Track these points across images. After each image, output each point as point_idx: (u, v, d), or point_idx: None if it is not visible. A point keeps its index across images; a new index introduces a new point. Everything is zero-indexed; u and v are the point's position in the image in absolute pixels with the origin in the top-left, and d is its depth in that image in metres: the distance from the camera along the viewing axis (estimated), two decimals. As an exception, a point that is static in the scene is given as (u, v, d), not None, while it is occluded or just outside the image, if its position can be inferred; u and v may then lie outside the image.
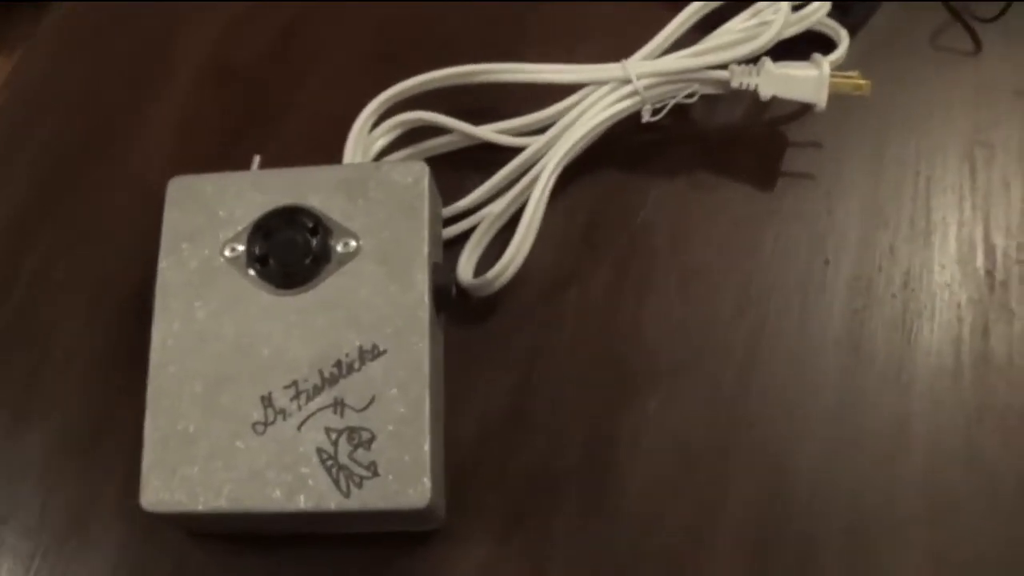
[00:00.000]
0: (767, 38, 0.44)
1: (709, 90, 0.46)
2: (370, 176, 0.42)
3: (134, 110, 0.52)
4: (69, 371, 0.46)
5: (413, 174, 0.42)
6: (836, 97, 0.45)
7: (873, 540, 0.41)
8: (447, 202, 0.45)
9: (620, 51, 0.47)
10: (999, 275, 0.45)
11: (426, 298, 0.40)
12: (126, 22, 0.55)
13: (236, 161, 0.45)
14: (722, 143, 0.49)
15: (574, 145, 0.45)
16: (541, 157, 0.45)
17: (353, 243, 0.41)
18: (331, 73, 0.52)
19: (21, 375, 0.46)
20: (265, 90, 0.52)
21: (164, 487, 0.39)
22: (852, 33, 0.47)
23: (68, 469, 0.45)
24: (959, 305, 0.45)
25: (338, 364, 0.40)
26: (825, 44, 0.47)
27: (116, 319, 0.47)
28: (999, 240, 0.46)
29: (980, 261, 0.46)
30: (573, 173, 0.47)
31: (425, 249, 0.41)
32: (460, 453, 0.42)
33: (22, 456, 0.45)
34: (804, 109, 0.48)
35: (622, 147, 0.48)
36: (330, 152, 0.46)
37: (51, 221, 0.50)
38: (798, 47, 0.47)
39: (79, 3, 0.56)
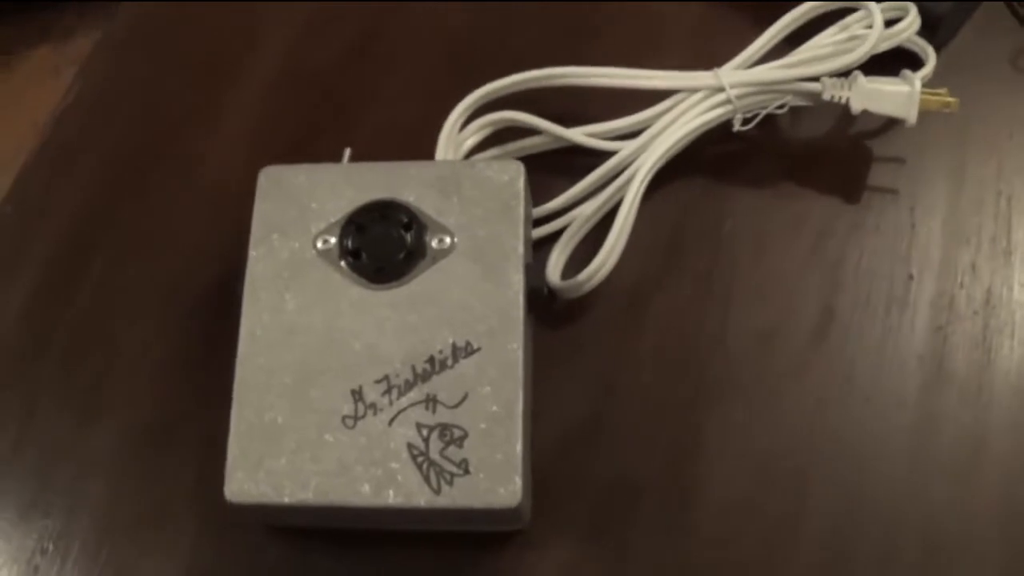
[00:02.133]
0: (862, 52, 0.44)
1: (800, 102, 0.46)
2: (465, 173, 0.42)
3: (206, 111, 0.52)
4: (139, 370, 0.46)
5: (509, 173, 0.42)
6: (920, 114, 0.45)
7: (948, 558, 0.41)
8: (534, 203, 0.45)
9: (700, 56, 0.47)
10: (1078, 296, 0.45)
11: (521, 298, 0.40)
12: (198, 22, 0.55)
13: (315, 159, 0.44)
14: (807, 155, 0.49)
15: (667, 151, 0.45)
16: (632, 161, 0.45)
17: (448, 240, 0.41)
18: (406, 75, 0.52)
19: (92, 373, 0.46)
20: (341, 92, 0.52)
21: (249, 479, 0.38)
22: (936, 50, 0.47)
23: (139, 466, 0.44)
24: (1040, 325, 0.45)
25: (431, 360, 0.39)
26: (909, 60, 0.47)
27: (187, 318, 0.47)
28: (1079, 261, 0.46)
29: (1060, 281, 0.46)
30: (659, 180, 0.46)
31: (520, 248, 0.41)
32: (542, 457, 0.42)
33: (92, 453, 0.45)
34: (888, 124, 0.48)
35: (708, 156, 0.48)
36: (411, 153, 0.45)
37: (121, 221, 0.50)
38: (882, 62, 0.47)
39: (151, 2, 0.56)
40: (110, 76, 0.54)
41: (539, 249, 0.45)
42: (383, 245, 0.41)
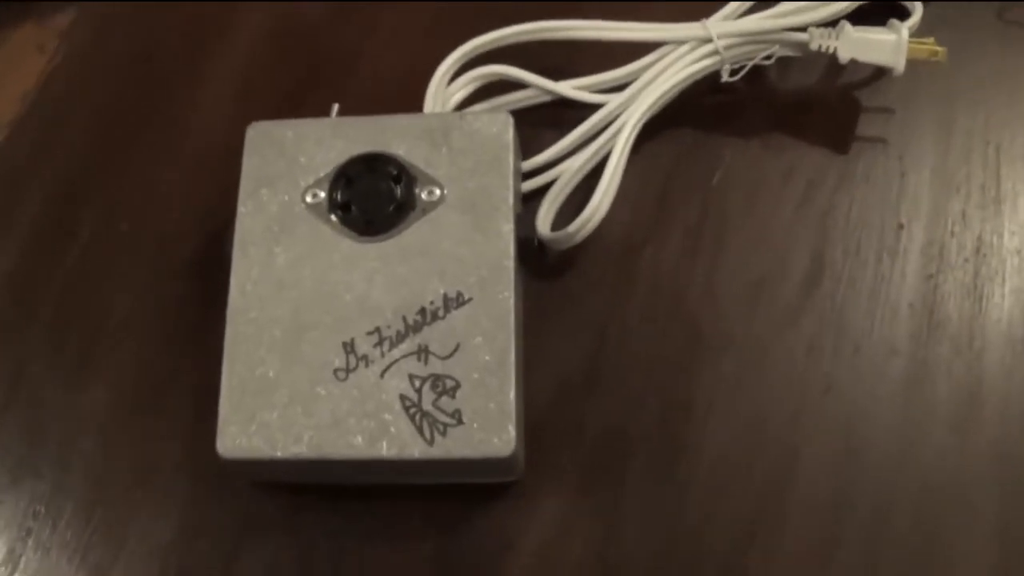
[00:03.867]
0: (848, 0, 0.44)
1: (788, 52, 0.46)
2: (454, 125, 0.42)
3: (194, 66, 0.52)
4: (129, 330, 0.46)
5: (498, 124, 0.42)
6: (907, 64, 0.45)
7: (943, 507, 0.41)
8: (523, 157, 0.45)
9: (687, 11, 0.47)
10: (1069, 243, 0.46)
11: (511, 248, 0.40)
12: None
13: (301, 117, 0.44)
14: (796, 106, 0.49)
15: (655, 102, 0.45)
16: (620, 114, 0.45)
17: (437, 191, 0.41)
18: (393, 30, 0.52)
19: (81, 335, 0.46)
20: (328, 48, 0.51)
21: (242, 433, 0.38)
22: (923, 1, 0.47)
23: (131, 423, 0.44)
24: (1030, 272, 0.45)
25: (422, 312, 0.39)
26: (896, 12, 0.47)
27: (177, 278, 0.47)
28: (1069, 209, 0.46)
29: (1050, 229, 0.46)
30: (647, 132, 0.46)
31: (511, 199, 0.41)
32: (535, 409, 0.42)
33: (82, 413, 0.44)
34: (877, 74, 0.48)
35: (696, 108, 0.47)
36: (399, 108, 0.45)
37: (110, 179, 0.49)
38: (870, 14, 0.47)
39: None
40: (93, 41, 0.53)
41: (529, 202, 0.45)
42: (373, 197, 0.41)
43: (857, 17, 0.46)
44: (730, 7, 0.46)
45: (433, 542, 0.42)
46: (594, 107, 0.45)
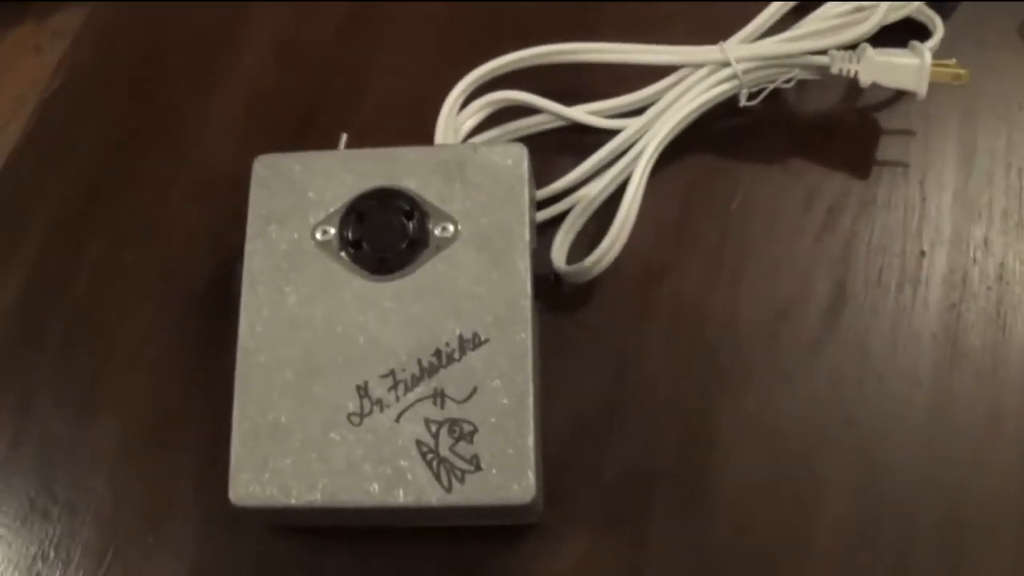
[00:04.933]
0: (871, 24, 0.43)
1: (808, 76, 0.45)
2: (467, 158, 0.41)
3: (201, 92, 0.51)
4: (138, 362, 0.45)
5: (512, 156, 0.41)
6: (929, 86, 0.44)
7: (967, 536, 0.40)
8: (536, 184, 0.44)
9: (703, 30, 0.46)
10: (1092, 269, 0.45)
11: (528, 286, 0.39)
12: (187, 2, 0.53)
13: (308, 145, 0.43)
14: (815, 130, 0.48)
15: (673, 128, 0.44)
16: (638, 139, 0.44)
17: (451, 227, 0.40)
18: (402, 53, 0.51)
19: (90, 367, 0.45)
20: (337, 70, 0.50)
21: (255, 480, 0.37)
22: (943, 19, 0.46)
23: (141, 463, 0.43)
24: (1053, 299, 0.44)
25: (437, 353, 0.38)
26: (915, 31, 0.46)
27: (186, 305, 0.46)
28: (1092, 234, 0.45)
29: (1073, 254, 0.45)
30: (664, 158, 0.45)
31: (527, 235, 0.40)
32: (554, 446, 0.41)
33: (93, 449, 0.44)
34: (896, 97, 0.47)
35: (714, 132, 0.46)
36: (406, 133, 0.44)
37: (115, 207, 0.48)
38: (887, 34, 0.45)
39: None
40: (98, 58, 0.52)
41: (543, 231, 0.44)
42: (385, 234, 0.40)
43: (876, 36, 0.45)
44: (748, 29, 0.44)
45: (454, 584, 0.41)
46: (609, 132, 0.44)
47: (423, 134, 0.45)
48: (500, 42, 0.46)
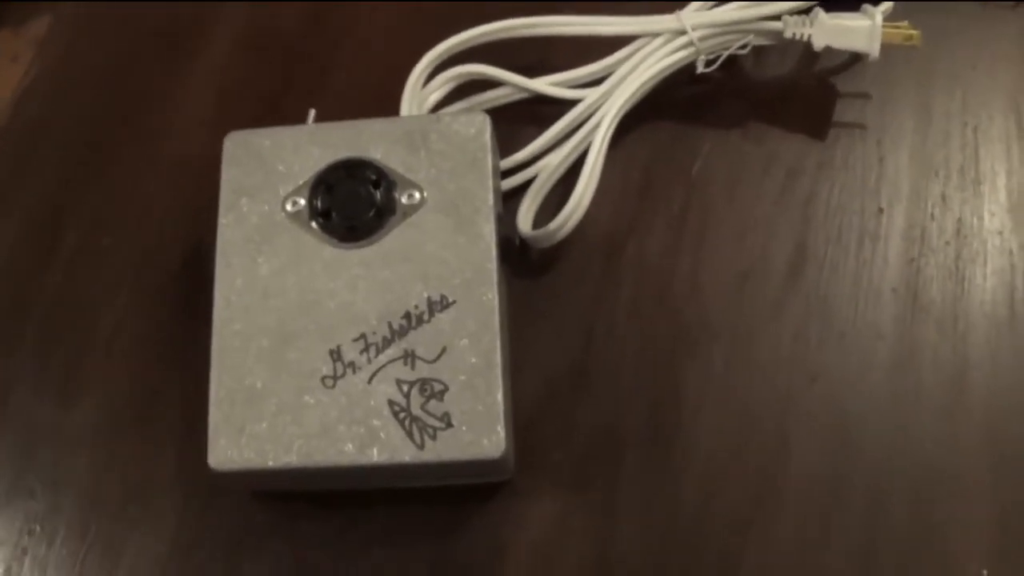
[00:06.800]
0: (822, -13, 0.44)
1: (762, 41, 0.46)
2: (431, 128, 0.42)
3: (171, 77, 0.51)
4: (116, 345, 0.46)
5: (475, 125, 0.42)
6: (883, 49, 0.45)
7: (937, 486, 0.41)
8: (501, 155, 0.45)
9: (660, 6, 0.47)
10: (1049, 223, 0.46)
11: (493, 249, 0.40)
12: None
13: (280, 123, 0.44)
14: (773, 94, 0.49)
15: (631, 96, 0.45)
16: (598, 109, 0.45)
17: (417, 195, 0.41)
18: (371, 31, 0.51)
19: (69, 348, 0.46)
20: (303, 55, 0.51)
21: (232, 445, 0.38)
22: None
23: (123, 438, 0.44)
24: (1011, 252, 0.45)
25: (407, 316, 0.39)
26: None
27: (161, 290, 0.47)
28: (1047, 188, 0.46)
29: (1030, 208, 0.46)
30: (626, 126, 0.46)
31: (491, 200, 0.41)
32: (525, 407, 0.42)
33: (73, 431, 0.44)
34: (852, 60, 0.48)
35: (673, 100, 0.47)
36: (373, 111, 0.45)
37: (92, 194, 0.49)
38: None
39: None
40: (69, 53, 0.53)
41: (509, 200, 0.45)
42: (353, 203, 0.41)
43: (831, 1, 0.46)
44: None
45: (430, 545, 0.42)
46: (571, 103, 0.45)
47: (390, 111, 0.46)
48: (465, 20, 0.47)
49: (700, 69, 0.46)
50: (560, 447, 0.43)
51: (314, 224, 0.41)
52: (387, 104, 0.46)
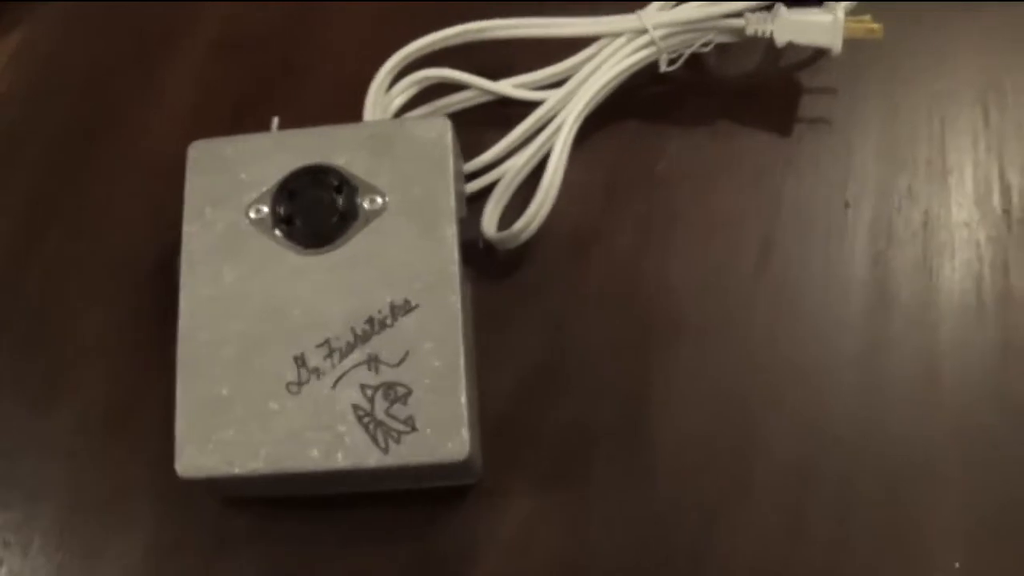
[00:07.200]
0: (781, -17, 0.44)
1: (724, 38, 0.46)
2: (393, 133, 0.42)
3: (144, 85, 0.52)
4: (91, 353, 0.46)
5: (436, 130, 0.42)
6: (848, 43, 0.45)
7: (907, 475, 0.41)
8: (466, 158, 0.45)
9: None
10: (1016, 213, 0.46)
11: (456, 252, 0.40)
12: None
13: (252, 130, 0.44)
14: (737, 91, 0.49)
15: (593, 97, 0.45)
16: (560, 110, 0.45)
17: (380, 200, 0.41)
18: (340, 37, 0.52)
19: (45, 356, 0.46)
20: (274, 62, 0.52)
21: (199, 452, 0.39)
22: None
23: (98, 447, 0.44)
24: (978, 244, 0.45)
25: (370, 321, 0.39)
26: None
27: (139, 299, 0.47)
28: (1014, 180, 0.46)
29: (997, 200, 0.46)
30: (590, 127, 0.46)
31: (452, 203, 0.41)
32: (494, 409, 0.42)
33: (51, 435, 0.45)
34: (817, 55, 0.48)
35: (638, 99, 0.47)
36: (345, 116, 0.45)
37: (67, 202, 0.49)
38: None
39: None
40: (45, 59, 0.53)
41: (475, 203, 0.45)
42: (315, 210, 0.41)
43: (794, -1, 0.46)
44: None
45: (404, 546, 0.42)
46: (534, 104, 0.45)
47: (358, 117, 0.46)
48: (430, 24, 0.47)
49: (663, 68, 0.46)
50: (531, 446, 0.43)
51: (278, 231, 0.41)
52: (355, 109, 0.46)
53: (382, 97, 0.45)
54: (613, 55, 0.45)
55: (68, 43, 0.54)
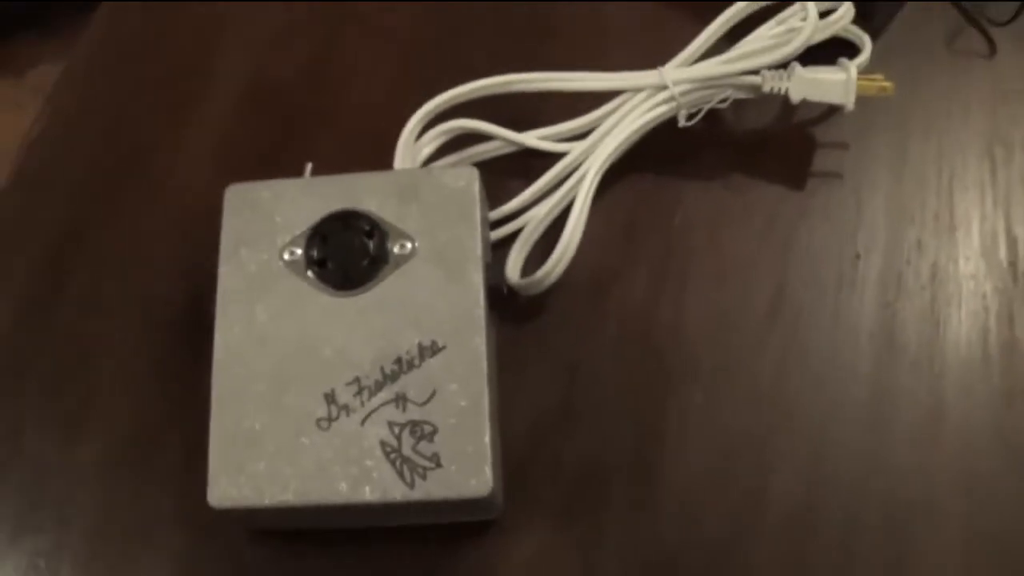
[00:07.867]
0: (797, 44, 0.46)
1: (741, 95, 0.48)
2: (422, 181, 0.44)
3: (173, 130, 0.53)
4: (120, 386, 0.48)
5: (464, 178, 0.44)
6: (860, 99, 0.47)
7: (910, 519, 0.43)
8: (490, 206, 0.47)
9: (647, 54, 0.48)
10: (1021, 266, 0.47)
11: (481, 297, 0.42)
12: (162, 43, 0.56)
13: (278, 175, 0.46)
14: (753, 145, 0.51)
15: (615, 148, 0.46)
16: (583, 161, 0.46)
17: (409, 245, 0.43)
18: (365, 89, 0.54)
19: (74, 393, 0.48)
20: (302, 108, 0.53)
21: (231, 484, 0.40)
22: (872, 37, 0.49)
23: (125, 479, 0.46)
24: (984, 295, 0.47)
25: (398, 361, 0.41)
26: (847, 47, 0.49)
27: (164, 336, 0.48)
28: (1020, 233, 0.48)
29: (1003, 253, 0.47)
30: (611, 177, 0.48)
31: (479, 250, 0.42)
32: (514, 448, 0.44)
33: (78, 469, 0.46)
34: (830, 111, 0.50)
35: (657, 151, 0.49)
36: (368, 164, 0.47)
37: (95, 244, 0.51)
38: (821, 51, 0.48)
39: (114, 28, 0.57)
40: (77, 103, 0.55)
41: (498, 250, 0.47)
42: (347, 253, 0.43)
43: (810, 55, 0.48)
44: (684, 54, 0.48)
45: (423, 581, 0.43)
46: (558, 156, 0.47)
47: (384, 165, 0.48)
48: (456, 75, 0.49)
49: (682, 123, 0.48)
50: (548, 484, 0.44)
51: (310, 273, 0.43)
52: (382, 156, 0.48)
53: (411, 146, 0.47)
54: (634, 109, 0.47)
55: (100, 87, 0.56)
